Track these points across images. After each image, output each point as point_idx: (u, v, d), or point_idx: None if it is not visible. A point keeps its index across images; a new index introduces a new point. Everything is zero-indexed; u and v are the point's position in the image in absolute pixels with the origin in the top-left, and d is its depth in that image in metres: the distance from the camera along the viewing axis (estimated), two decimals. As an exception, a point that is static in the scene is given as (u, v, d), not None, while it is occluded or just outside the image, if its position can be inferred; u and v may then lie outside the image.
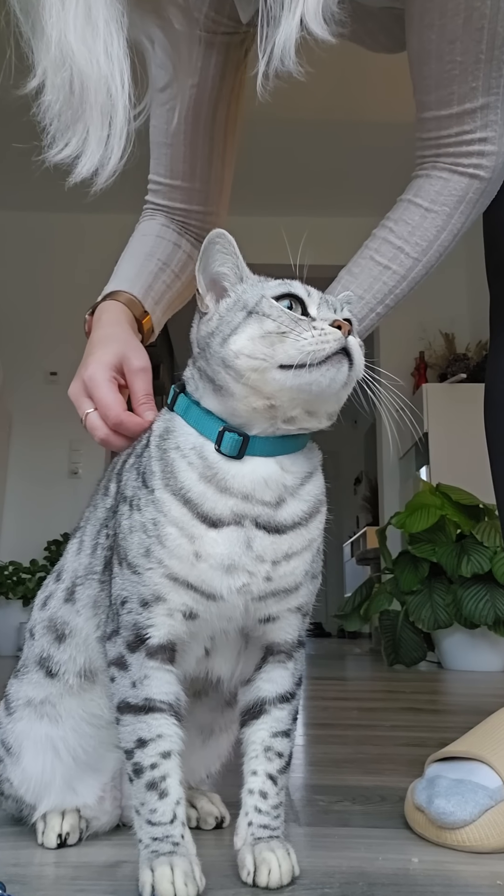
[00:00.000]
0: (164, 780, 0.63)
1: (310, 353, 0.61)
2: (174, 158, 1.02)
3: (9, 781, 0.76)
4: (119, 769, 0.74)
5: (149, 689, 0.64)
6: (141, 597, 0.65)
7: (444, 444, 3.91)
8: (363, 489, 7.63)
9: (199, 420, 0.67)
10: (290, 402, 0.64)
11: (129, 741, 0.64)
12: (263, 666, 0.70)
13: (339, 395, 0.65)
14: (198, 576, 0.64)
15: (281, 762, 0.69)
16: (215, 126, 1.00)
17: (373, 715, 1.81)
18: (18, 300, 4.62)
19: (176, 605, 0.64)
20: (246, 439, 0.65)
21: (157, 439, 0.68)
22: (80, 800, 0.75)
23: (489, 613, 2.93)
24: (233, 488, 0.64)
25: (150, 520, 0.65)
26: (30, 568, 4.01)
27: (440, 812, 0.76)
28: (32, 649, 0.77)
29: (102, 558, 0.71)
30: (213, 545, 0.63)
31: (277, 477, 0.66)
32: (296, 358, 0.61)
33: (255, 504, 0.65)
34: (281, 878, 0.62)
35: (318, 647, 5.36)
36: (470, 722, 0.91)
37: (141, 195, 1.06)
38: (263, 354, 0.62)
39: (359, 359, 0.64)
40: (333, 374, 0.62)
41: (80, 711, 0.74)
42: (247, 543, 0.64)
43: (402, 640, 3.14)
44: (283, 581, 0.66)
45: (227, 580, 0.64)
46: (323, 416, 0.67)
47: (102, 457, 4.53)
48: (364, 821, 0.86)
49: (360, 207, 4.63)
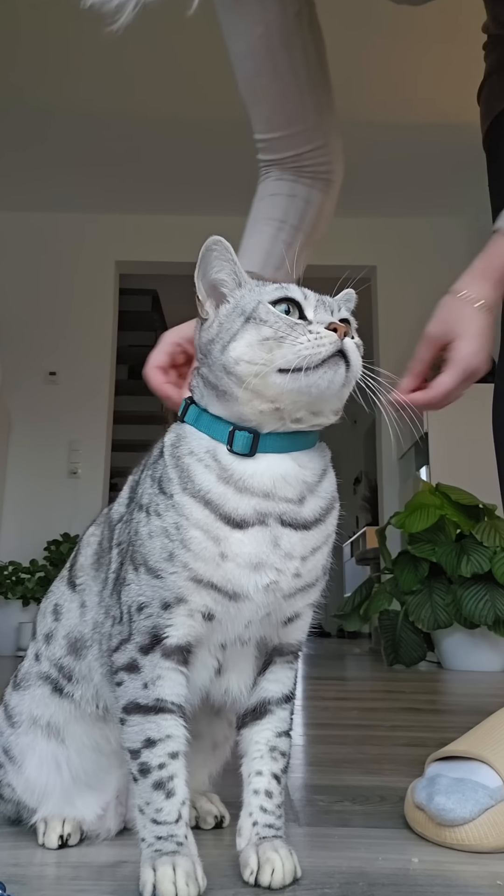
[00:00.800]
0: (172, 780, 0.63)
1: (306, 358, 0.62)
2: (269, 112, 1.02)
3: (10, 787, 0.76)
4: (123, 787, 0.74)
5: (161, 689, 0.64)
6: (163, 600, 0.65)
7: (444, 444, 3.90)
8: (363, 489, 7.63)
9: (210, 425, 0.67)
10: (293, 405, 0.65)
11: (135, 741, 0.64)
12: (270, 667, 0.71)
13: (339, 395, 0.65)
14: (223, 575, 0.64)
15: (284, 761, 0.70)
16: (295, 65, 1.00)
17: (373, 715, 1.81)
18: (18, 300, 4.62)
19: (197, 605, 0.65)
20: (257, 436, 0.65)
21: (171, 448, 0.68)
22: (80, 814, 0.75)
23: (489, 613, 2.93)
24: (252, 487, 0.65)
25: (172, 524, 0.64)
26: (29, 568, 4.01)
27: (440, 809, 0.76)
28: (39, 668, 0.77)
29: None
30: (239, 545, 0.64)
31: (296, 473, 0.66)
32: (293, 362, 0.62)
33: (278, 502, 0.65)
34: (284, 878, 0.62)
35: (318, 647, 5.35)
36: (470, 722, 0.91)
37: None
38: (263, 360, 0.63)
39: (356, 360, 0.64)
40: (331, 376, 0.63)
41: (85, 738, 0.74)
42: (274, 542, 0.64)
43: (402, 640, 3.14)
44: (309, 576, 0.67)
45: (255, 577, 0.64)
46: (329, 414, 0.68)
47: (102, 457, 4.53)
48: (364, 821, 0.86)
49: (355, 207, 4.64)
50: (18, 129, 3.97)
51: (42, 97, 3.74)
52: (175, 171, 4.32)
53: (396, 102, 3.76)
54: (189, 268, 0.70)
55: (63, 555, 4.01)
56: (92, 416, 4.53)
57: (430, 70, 3.47)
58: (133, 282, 5.22)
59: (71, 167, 4.31)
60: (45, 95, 3.73)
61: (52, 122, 3.92)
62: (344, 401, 0.68)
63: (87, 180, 4.44)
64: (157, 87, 3.69)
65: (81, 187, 4.51)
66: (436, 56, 3.32)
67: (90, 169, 4.33)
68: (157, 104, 3.80)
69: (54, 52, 3.45)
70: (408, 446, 4.39)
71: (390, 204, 4.67)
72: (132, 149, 4.16)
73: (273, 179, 1.04)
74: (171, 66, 3.54)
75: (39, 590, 3.88)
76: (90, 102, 3.79)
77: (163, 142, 4.09)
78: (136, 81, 3.66)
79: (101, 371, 4.61)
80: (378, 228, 4.78)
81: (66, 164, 4.29)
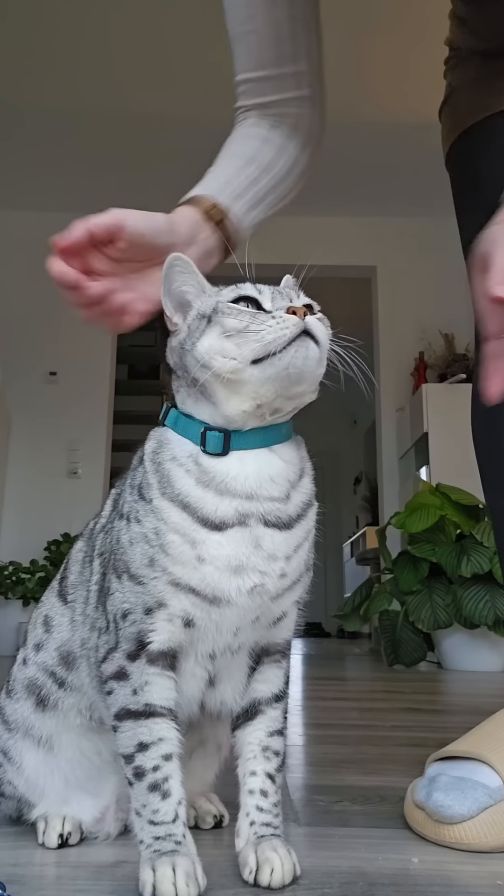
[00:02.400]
0: (167, 782, 0.63)
1: (272, 342, 0.62)
2: (258, 45, 0.96)
3: (11, 784, 0.76)
4: (124, 793, 0.73)
5: (150, 694, 0.64)
6: (145, 605, 0.65)
7: (444, 444, 3.90)
8: (363, 489, 7.63)
9: (185, 427, 0.68)
10: (273, 394, 0.65)
11: (128, 746, 0.64)
12: (258, 668, 0.71)
13: (315, 372, 0.65)
14: (201, 579, 0.64)
15: (278, 760, 0.69)
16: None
17: (373, 715, 1.81)
18: (18, 300, 4.62)
19: (176, 610, 0.64)
20: (228, 435, 0.66)
21: (151, 454, 0.68)
22: (77, 815, 0.75)
23: (489, 613, 2.93)
24: (235, 489, 0.65)
25: (152, 529, 0.64)
26: (29, 568, 4.01)
27: (438, 805, 0.76)
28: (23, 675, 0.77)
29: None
30: (217, 548, 0.63)
31: (281, 471, 0.67)
32: (261, 351, 0.63)
33: (262, 502, 0.65)
34: (283, 878, 0.62)
35: (317, 647, 5.35)
36: (470, 722, 0.91)
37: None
38: (234, 353, 0.64)
39: (322, 334, 0.65)
40: (303, 353, 0.63)
41: (75, 748, 0.74)
42: (255, 543, 0.64)
43: (402, 641, 3.14)
44: (294, 574, 0.67)
45: (236, 581, 0.64)
46: (305, 395, 0.68)
47: (102, 457, 4.53)
48: (364, 821, 0.86)
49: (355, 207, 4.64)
50: (24, 128, 3.97)
51: (43, 97, 3.74)
52: (175, 170, 4.32)
53: (396, 102, 3.76)
54: (189, 268, 0.70)
55: (63, 555, 4.00)
56: (92, 416, 4.53)
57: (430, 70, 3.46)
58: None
59: (72, 167, 4.31)
60: (46, 95, 3.73)
61: (54, 122, 3.92)
62: (319, 377, 0.67)
63: (88, 180, 4.44)
64: (158, 88, 3.69)
65: (83, 187, 4.51)
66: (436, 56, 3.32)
67: (91, 168, 4.34)
68: (158, 104, 3.80)
69: (63, 54, 3.45)
70: (408, 446, 4.39)
71: (390, 204, 4.67)
72: (133, 149, 4.16)
73: (250, 125, 0.97)
74: (173, 66, 3.54)
75: (39, 590, 3.88)
76: (91, 102, 3.79)
77: (163, 142, 4.09)
78: (137, 81, 3.66)
79: (101, 371, 4.61)
80: (378, 228, 4.78)
81: (67, 164, 4.29)
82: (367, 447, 7.19)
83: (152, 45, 3.41)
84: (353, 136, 3.94)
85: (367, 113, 3.68)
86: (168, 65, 3.52)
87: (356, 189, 4.41)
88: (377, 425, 4.81)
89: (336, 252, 4.69)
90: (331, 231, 4.61)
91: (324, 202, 4.45)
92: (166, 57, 3.46)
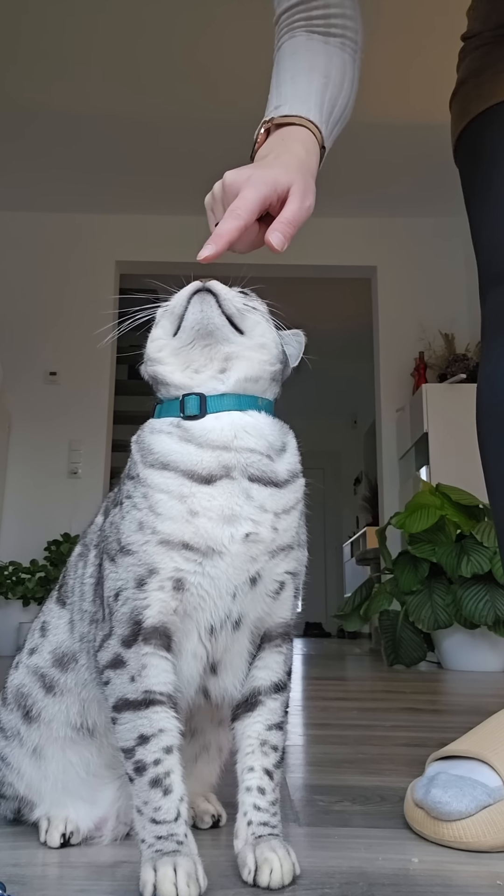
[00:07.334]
0: (168, 777, 0.63)
1: (175, 305, 0.70)
2: None
3: (11, 785, 0.76)
4: (124, 804, 0.73)
5: (147, 679, 0.64)
6: (137, 577, 0.65)
7: (444, 444, 3.90)
8: (363, 489, 7.63)
9: (168, 408, 0.72)
10: (192, 349, 0.70)
11: (128, 739, 0.64)
12: (259, 654, 0.71)
13: (220, 326, 0.69)
14: (194, 532, 0.64)
15: (276, 756, 0.69)
16: None
17: (373, 715, 1.81)
18: (18, 300, 4.62)
19: (167, 572, 0.64)
20: (203, 397, 0.69)
21: (135, 437, 0.72)
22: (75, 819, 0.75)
23: (489, 614, 2.93)
24: (213, 441, 0.67)
25: (140, 496, 0.66)
26: (30, 568, 4.01)
27: (436, 801, 0.76)
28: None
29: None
30: (208, 499, 0.65)
31: (255, 425, 0.69)
32: (173, 319, 0.70)
33: (241, 452, 0.67)
34: (282, 878, 0.62)
35: (318, 648, 5.35)
36: (470, 722, 0.91)
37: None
38: (158, 336, 0.72)
39: (223, 290, 0.70)
40: (198, 303, 0.69)
41: (64, 757, 0.74)
42: (245, 494, 0.66)
43: (402, 641, 3.15)
44: (285, 535, 0.68)
45: (229, 530, 0.65)
46: (234, 358, 0.70)
47: (102, 457, 4.53)
48: (364, 821, 0.86)
49: (355, 207, 4.64)
50: (20, 129, 3.97)
51: (43, 97, 3.74)
52: (176, 170, 4.32)
53: (396, 103, 3.76)
54: (189, 268, 0.71)
55: (63, 555, 4.02)
56: (92, 416, 4.53)
57: (431, 71, 3.47)
58: (133, 282, 5.22)
59: (72, 167, 4.31)
60: (47, 95, 3.73)
61: (53, 122, 3.92)
62: (232, 332, 0.70)
63: (87, 180, 4.44)
64: (158, 88, 3.69)
65: (82, 187, 4.51)
66: (436, 56, 3.32)
67: (91, 169, 4.33)
68: (158, 104, 3.80)
69: (55, 51, 3.45)
70: (408, 446, 4.39)
71: (390, 204, 4.67)
72: (133, 148, 4.16)
73: (303, 39, 0.93)
74: (176, 66, 3.54)
75: (39, 590, 3.88)
76: (92, 102, 3.79)
77: (164, 141, 4.09)
78: (137, 81, 3.66)
79: (101, 371, 4.61)
80: (378, 228, 4.78)
81: (67, 164, 4.29)
82: (367, 447, 7.19)
83: (154, 47, 3.41)
84: (353, 136, 3.94)
85: (368, 113, 3.68)
86: (175, 67, 3.52)
87: (356, 189, 4.40)
88: (377, 425, 4.81)
89: (336, 252, 4.69)
90: (331, 231, 4.61)
91: (324, 202, 4.44)
92: (172, 59, 3.46)
